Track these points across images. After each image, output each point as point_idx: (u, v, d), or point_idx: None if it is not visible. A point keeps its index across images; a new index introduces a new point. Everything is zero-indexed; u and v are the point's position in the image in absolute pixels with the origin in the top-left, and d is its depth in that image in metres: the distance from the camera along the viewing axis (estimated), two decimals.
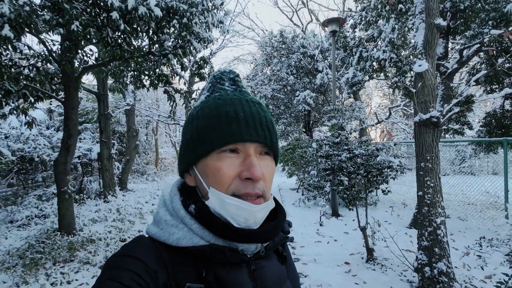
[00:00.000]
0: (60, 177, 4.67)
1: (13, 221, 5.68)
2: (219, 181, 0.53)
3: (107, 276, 0.47)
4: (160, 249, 0.53)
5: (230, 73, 0.65)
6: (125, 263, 0.49)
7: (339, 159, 3.97)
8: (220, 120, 0.54)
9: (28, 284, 3.27)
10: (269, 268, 0.60)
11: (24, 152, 7.12)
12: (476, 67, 6.71)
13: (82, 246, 4.35)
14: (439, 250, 3.04)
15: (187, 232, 0.53)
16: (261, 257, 0.59)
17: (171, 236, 0.53)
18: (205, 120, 0.56)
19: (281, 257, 0.66)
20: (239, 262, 0.55)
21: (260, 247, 0.58)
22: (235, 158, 0.54)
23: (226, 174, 0.53)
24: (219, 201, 0.53)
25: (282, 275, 0.63)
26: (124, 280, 0.45)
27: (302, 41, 11.46)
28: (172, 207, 0.57)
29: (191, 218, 0.54)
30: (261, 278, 0.58)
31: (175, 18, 3.81)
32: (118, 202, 7.53)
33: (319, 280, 3.55)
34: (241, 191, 0.53)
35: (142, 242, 0.54)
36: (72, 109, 4.79)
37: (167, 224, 0.55)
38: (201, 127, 0.56)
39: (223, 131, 0.54)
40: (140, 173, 13.74)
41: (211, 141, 0.54)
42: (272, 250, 0.61)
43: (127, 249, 0.52)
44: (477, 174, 10.37)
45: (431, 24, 3.34)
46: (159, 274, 0.49)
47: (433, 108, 3.28)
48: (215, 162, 0.54)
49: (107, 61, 4.62)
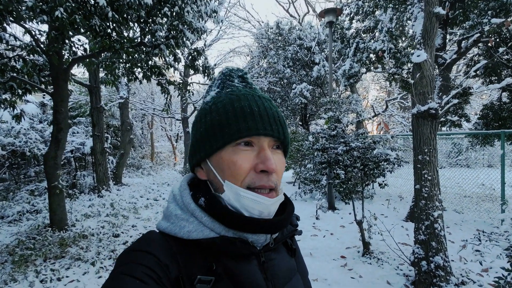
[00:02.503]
0: (51, 171, 4.56)
1: (4, 216, 5.57)
2: (234, 174, 0.55)
3: (120, 271, 0.47)
4: (171, 243, 0.53)
5: (238, 70, 0.66)
6: (137, 257, 0.49)
7: (335, 152, 3.90)
8: (235, 114, 0.55)
9: (17, 282, 3.19)
10: (279, 260, 0.61)
11: (15, 146, 6.97)
12: (475, 59, 6.63)
13: (74, 242, 4.27)
14: (436, 244, 3.00)
15: (198, 225, 0.54)
16: (270, 249, 0.60)
17: (181, 229, 0.54)
18: (219, 114, 0.56)
19: (290, 250, 0.67)
20: (249, 254, 0.56)
21: (270, 239, 0.59)
22: (250, 152, 0.56)
23: (241, 167, 0.55)
24: (234, 194, 0.54)
25: (291, 268, 0.64)
26: (136, 273, 0.46)
27: (298, 33, 11.29)
28: (182, 201, 0.58)
29: (201, 211, 0.55)
30: (271, 270, 0.58)
31: (166, 6, 3.67)
32: (112, 197, 7.43)
33: (315, 274, 3.52)
34: (256, 184, 0.54)
35: (152, 237, 0.55)
36: (62, 101, 4.65)
37: (178, 218, 0.56)
38: (216, 121, 0.56)
39: (239, 124, 0.55)
40: (135, 167, 13.61)
41: (227, 135, 0.55)
42: (281, 243, 0.62)
43: (139, 244, 0.53)
44: (473, 166, 10.39)
45: (430, 12, 3.23)
46: (170, 267, 0.50)
47: (431, 100, 3.20)
48: (230, 156, 0.55)
49: (97, 52, 4.47)
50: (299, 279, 0.66)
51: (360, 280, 3.38)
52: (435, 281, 2.93)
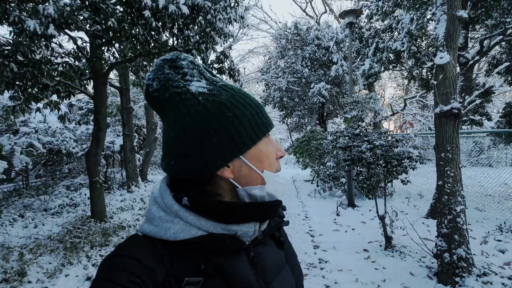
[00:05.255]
0: (92, 167, 4.97)
1: (47, 209, 6.06)
2: (272, 164, 0.59)
3: (102, 277, 0.46)
4: (156, 246, 0.52)
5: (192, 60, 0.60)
6: (120, 263, 0.48)
7: (358, 150, 4.09)
8: (258, 108, 0.58)
9: (73, 265, 3.59)
10: (268, 253, 0.62)
11: (53, 144, 7.51)
12: (497, 57, 6.61)
13: (114, 232, 4.66)
14: (458, 237, 3.15)
15: (184, 225, 0.53)
16: (259, 243, 0.60)
17: (167, 231, 0.52)
18: (247, 108, 0.56)
19: (278, 242, 0.67)
20: (238, 250, 0.56)
21: (258, 231, 0.59)
22: (272, 141, 0.61)
23: (273, 155, 0.60)
24: (273, 182, 0.57)
25: (280, 260, 0.66)
26: (120, 280, 0.45)
27: (316, 33, 11.43)
28: (164, 203, 0.55)
29: (186, 210, 0.54)
30: (261, 263, 0.59)
31: (200, 15, 3.97)
32: (141, 192, 7.88)
33: (340, 266, 3.72)
34: (278, 168, 0.61)
35: (136, 241, 0.53)
36: (101, 103, 5.06)
37: (162, 220, 0.54)
38: (249, 114, 0.55)
39: (265, 117, 0.59)
40: (157, 165, 14.14)
41: (263, 127, 0.57)
42: (268, 235, 0.62)
43: (122, 249, 0.51)
44: (495, 166, 10.22)
45: (453, 16, 3.37)
46: (156, 271, 0.49)
47: (454, 100, 3.34)
48: (267, 147, 0.58)
49: (134, 57, 4.83)
50: (288, 271, 0.67)
51: (384, 271, 3.56)
52: (457, 272, 3.08)
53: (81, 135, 9.03)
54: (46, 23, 2.95)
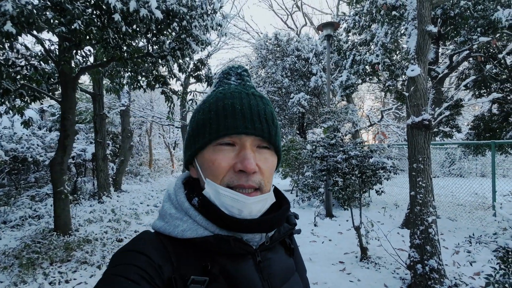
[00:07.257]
0: (57, 177, 4.66)
1: (6, 221, 5.62)
2: (214, 173, 0.55)
3: (112, 271, 0.47)
4: (165, 243, 0.53)
5: (238, 68, 0.65)
6: (130, 258, 0.49)
7: (334, 160, 4.08)
8: (217, 113, 0.55)
9: (27, 284, 3.27)
10: (276, 260, 0.60)
11: (18, 152, 7.05)
12: (465, 72, 6.93)
13: (78, 246, 4.35)
14: (430, 248, 3.16)
15: (192, 224, 0.54)
16: (267, 249, 0.59)
17: (176, 228, 0.54)
18: (204, 114, 0.57)
19: (288, 249, 0.65)
20: (245, 254, 0.55)
21: (266, 237, 0.58)
22: (230, 151, 0.55)
23: (220, 166, 0.54)
24: (214, 192, 0.54)
25: (289, 268, 0.63)
26: (129, 274, 0.46)
27: (296, 44, 11.62)
28: (177, 200, 0.57)
29: (195, 210, 0.55)
30: (268, 269, 0.57)
31: (175, 20, 3.87)
32: (113, 203, 7.51)
33: (315, 278, 3.64)
34: (234, 183, 0.54)
35: (146, 237, 0.54)
36: (70, 109, 4.80)
37: (172, 217, 0.55)
38: (201, 120, 0.57)
39: (219, 124, 0.55)
40: (133, 174, 13.67)
41: (208, 134, 0.55)
42: (277, 242, 0.61)
43: (132, 245, 0.52)
44: (466, 176, 10.63)
45: (423, 30, 3.47)
46: (163, 268, 0.50)
47: (424, 111, 3.41)
48: (210, 154, 0.55)
49: (106, 62, 4.64)
50: (297, 280, 0.64)
51: (359, 284, 3.51)
52: (430, 283, 3.08)
53: (51, 142, 8.55)
54: (3, 20, 2.75)
